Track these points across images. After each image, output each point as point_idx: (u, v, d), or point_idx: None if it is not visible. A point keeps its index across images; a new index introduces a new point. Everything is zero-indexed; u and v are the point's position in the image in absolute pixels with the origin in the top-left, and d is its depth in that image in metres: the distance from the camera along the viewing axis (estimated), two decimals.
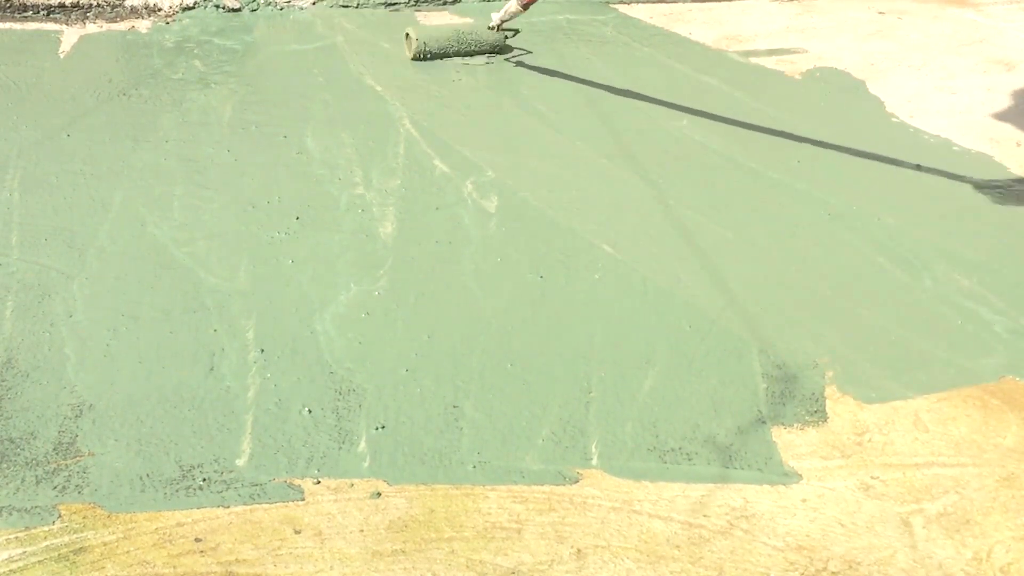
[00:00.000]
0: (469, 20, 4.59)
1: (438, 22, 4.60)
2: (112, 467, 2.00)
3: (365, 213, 3.02)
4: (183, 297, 2.57)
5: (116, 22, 4.68)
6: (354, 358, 2.36)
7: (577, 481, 2.01)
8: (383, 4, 5.02)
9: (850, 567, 1.81)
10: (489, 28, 4.20)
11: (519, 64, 4.17)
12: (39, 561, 1.76)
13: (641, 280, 2.71)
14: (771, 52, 4.58)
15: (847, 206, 3.16)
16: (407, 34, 4.22)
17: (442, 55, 4.18)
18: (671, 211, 3.10)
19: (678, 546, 1.84)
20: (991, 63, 4.41)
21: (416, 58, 4.15)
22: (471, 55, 4.23)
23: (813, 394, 2.29)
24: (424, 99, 3.87)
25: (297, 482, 1.98)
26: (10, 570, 1.74)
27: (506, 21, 4.08)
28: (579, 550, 1.83)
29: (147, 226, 2.90)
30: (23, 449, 2.04)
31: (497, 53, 4.26)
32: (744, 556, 1.82)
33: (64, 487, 1.94)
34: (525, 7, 3.87)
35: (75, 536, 1.82)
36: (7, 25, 4.57)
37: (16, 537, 1.82)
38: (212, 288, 2.62)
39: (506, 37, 4.27)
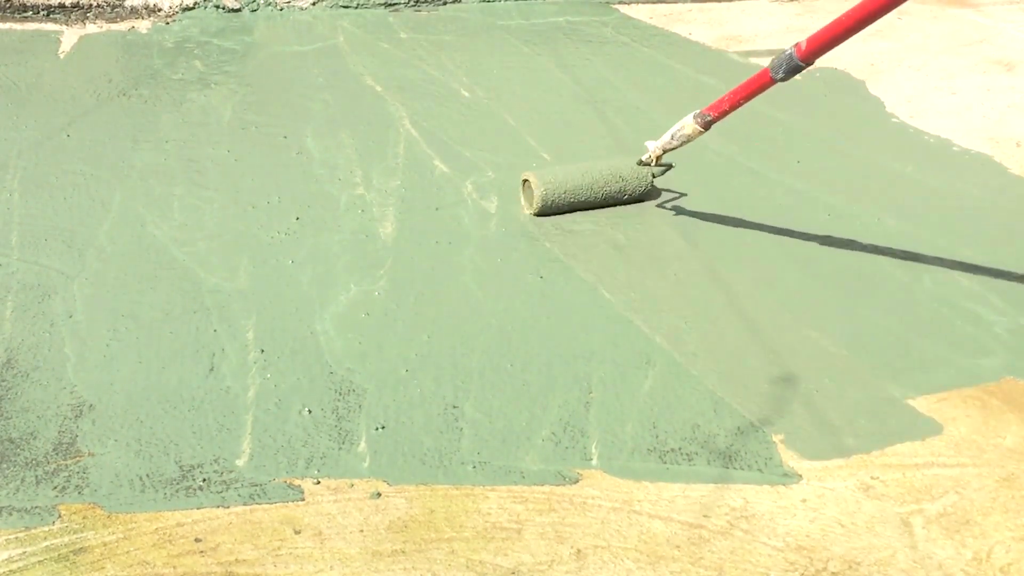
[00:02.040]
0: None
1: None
2: (112, 467, 2.00)
3: (365, 213, 3.02)
4: (183, 297, 2.57)
5: (116, 22, 4.68)
6: (354, 358, 2.36)
7: (577, 481, 2.01)
8: (383, 4, 5.02)
9: (850, 567, 1.81)
10: (640, 162, 3.00)
11: (677, 211, 3.11)
12: (39, 561, 1.76)
13: (641, 280, 2.71)
14: (771, 52, 4.58)
15: (847, 206, 3.16)
16: (524, 180, 3.08)
17: (572, 208, 3.05)
18: (671, 211, 3.10)
19: (678, 546, 1.84)
20: (991, 63, 4.41)
21: (540, 213, 3.03)
22: (610, 205, 3.11)
23: (813, 393, 2.29)
24: (424, 99, 3.87)
25: (297, 482, 1.98)
26: (10, 570, 1.74)
27: (668, 151, 2.89)
28: (579, 550, 1.83)
29: (147, 226, 2.90)
30: (23, 449, 2.04)
31: (640, 200, 3.14)
32: (744, 556, 1.82)
33: (64, 487, 1.94)
34: (707, 127, 2.72)
35: (75, 536, 1.82)
36: (7, 25, 4.57)
37: (16, 537, 1.82)
38: (212, 288, 2.62)
39: (653, 176, 3.09)
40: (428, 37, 4.64)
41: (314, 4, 4.96)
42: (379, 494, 1.95)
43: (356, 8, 4.99)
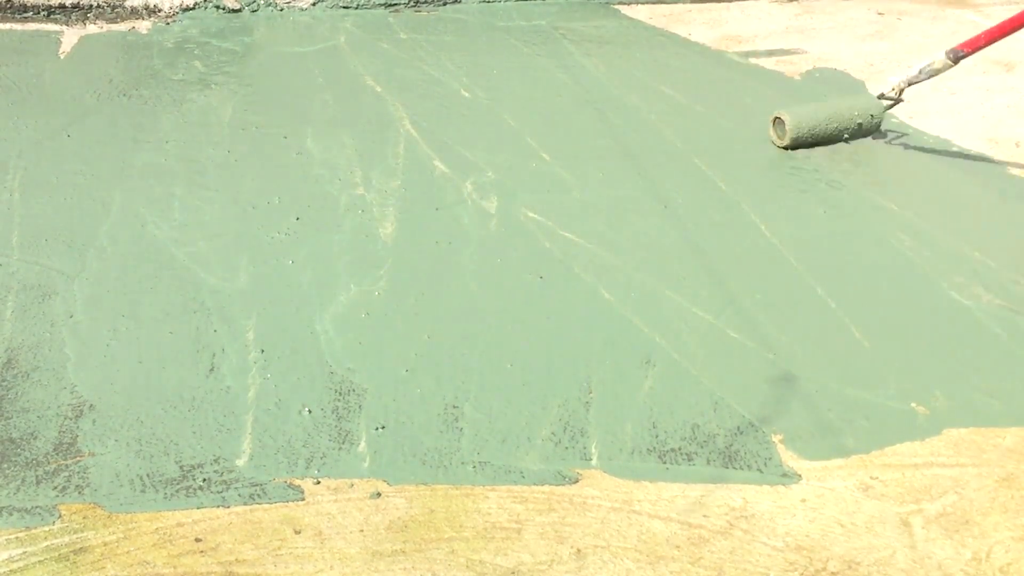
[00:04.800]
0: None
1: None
2: (112, 467, 2.00)
3: (365, 214, 3.02)
4: (183, 297, 2.57)
5: (116, 23, 4.68)
6: (354, 358, 2.36)
7: (577, 481, 2.01)
8: (383, 5, 5.03)
9: (849, 567, 1.81)
10: (882, 96, 3.44)
11: (906, 148, 3.44)
12: (39, 561, 1.77)
13: (641, 280, 2.71)
14: (771, 52, 4.58)
15: (846, 206, 3.16)
16: (776, 118, 3.45)
17: (818, 142, 3.43)
18: (671, 211, 3.10)
19: (678, 546, 1.84)
20: (991, 63, 4.41)
21: (790, 147, 3.40)
22: (853, 138, 3.49)
23: (813, 393, 2.29)
24: (424, 99, 3.87)
25: (297, 482, 1.98)
26: (10, 570, 1.74)
27: (913, 84, 3.28)
28: (579, 550, 1.83)
29: (147, 226, 2.90)
30: (23, 449, 2.04)
31: (874, 132, 3.51)
32: (744, 556, 1.83)
33: (64, 487, 1.94)
34: (957, 61, 3.06)
35: (75, 536, 1.82)
36: (7, 25, 4.57)
37: (16, 537, 1.82)
38: (212, 288, 2.62)
39: (887, 107, 3.49)
40: (428, 37, 4.64)
41: (314, 5, 4.96)
42: (379, 494, 1.95)
43: (356, 9, 4.99)
